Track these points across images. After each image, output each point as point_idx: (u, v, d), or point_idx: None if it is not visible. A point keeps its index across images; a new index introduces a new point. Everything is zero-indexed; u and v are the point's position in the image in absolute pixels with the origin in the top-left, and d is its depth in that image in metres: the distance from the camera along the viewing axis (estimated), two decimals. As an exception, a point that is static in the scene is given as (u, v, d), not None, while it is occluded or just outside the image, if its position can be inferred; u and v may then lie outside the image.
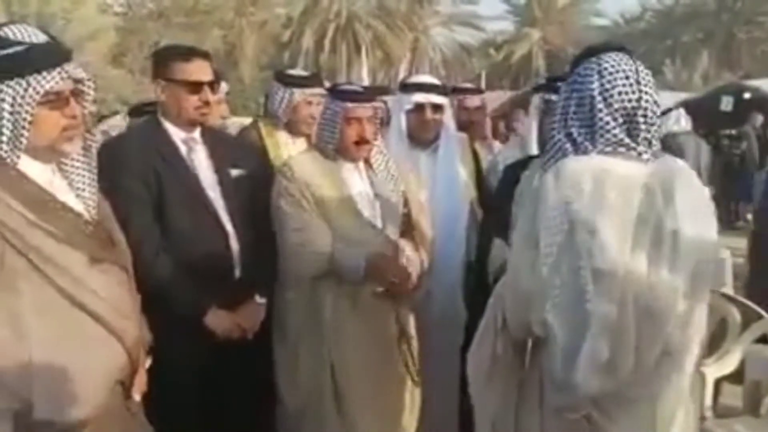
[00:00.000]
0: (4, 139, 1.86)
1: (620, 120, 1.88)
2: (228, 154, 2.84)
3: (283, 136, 3.54)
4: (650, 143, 1.91)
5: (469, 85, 4.48)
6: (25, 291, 1.83)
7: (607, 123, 1.87)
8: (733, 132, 11.88)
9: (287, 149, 3.47)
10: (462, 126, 3.98)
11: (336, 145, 2.91)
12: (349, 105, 2.88)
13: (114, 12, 25.82)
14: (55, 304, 1.86)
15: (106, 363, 1.95)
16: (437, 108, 3.43)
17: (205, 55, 2.77)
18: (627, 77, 1.89)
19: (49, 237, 1.87)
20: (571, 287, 1.78)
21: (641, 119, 1.89)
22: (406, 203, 3.04)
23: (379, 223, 2.94)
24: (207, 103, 2.72)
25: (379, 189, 2.98)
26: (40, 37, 1.93)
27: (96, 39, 21.07)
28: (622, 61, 1.91)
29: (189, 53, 2.73)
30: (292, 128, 3.54)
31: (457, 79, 32.11)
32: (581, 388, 1.79)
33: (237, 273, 2.75)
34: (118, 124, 4.65)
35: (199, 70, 2.70)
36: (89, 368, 1.90)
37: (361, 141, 2.90)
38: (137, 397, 2.11)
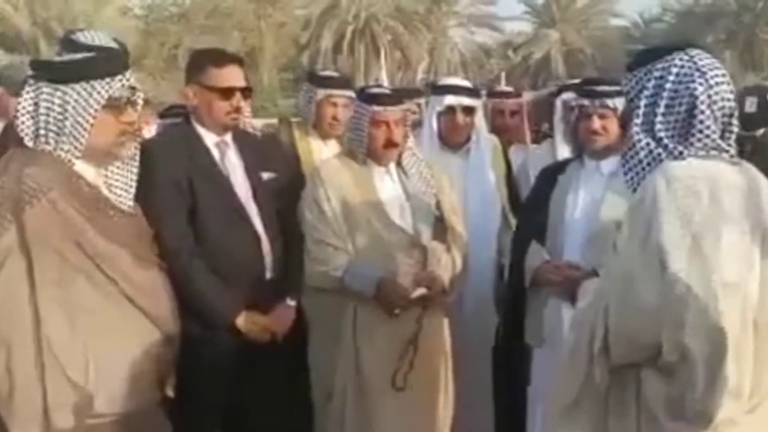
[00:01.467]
0: (64, 139, 1.96)
1: (719, 122, 1.77)
2: (259, 156, 2.84)
3: (314, 138, 3.54)
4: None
5: (506, 89, 4.38)
6: (82, 285, 1.92)
7: (708, 126, 1.75)
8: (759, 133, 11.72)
9: (319, 152, 3.46)
10: (499, 129, 3.95)
11: (365, 149, 2.91)
12: (377, 108, 2.88)
13: (135, 14, 26.06)
14: (109, 300, 1.95)
15: (153, 357, 2.03)
16: (469, 110, 3.41)
17: (238, 61, 2.76)
18: (724, 76, 1.78)
19: (100, 235, 1.96)
20: (703, 304, 1.62)
21: (734, 121, 1.79)
22: (438, 205, 3.02)
23: (410, 227, 2.93)
24: (238, 109, 2.71)
25: (411, 192, 2.97)
26: (109, 43, 2.00)
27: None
28: (714, 60, 1.80)
29: (222, 59, 2.72)
30: (319, 130, 3.53)
31: (475, 80, 32.11)
32: (715, 415, 1.63)
33: (268, 275, 2.74)
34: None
35: (231, 76, 2.69)
36: (140, 362, 1.99)
37: (389, 144, 2.90)
38: (170, 393, 2.16)
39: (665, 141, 1.76)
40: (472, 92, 3.50)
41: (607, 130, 2.85)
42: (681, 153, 1.74)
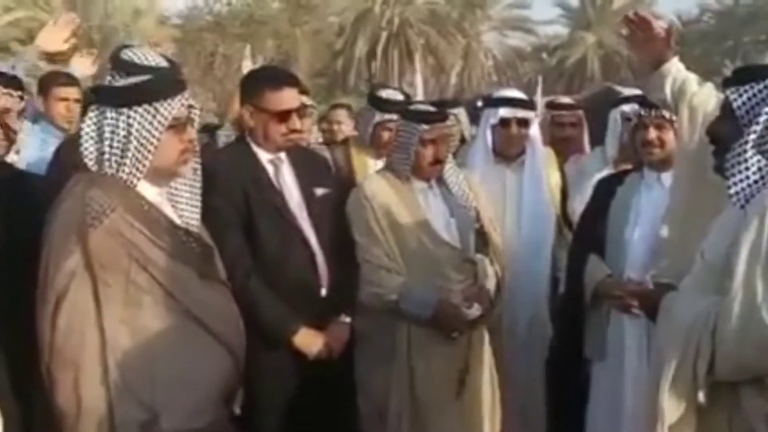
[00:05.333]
0: (127, 162, 1.97)
1: None
2: (313, 173, 2.84)
3: (370, 156, 3.54)
4: None
5: (566, 101, 4.33)
6: (147, 305, 1.93)
7: None
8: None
9: (375, 169, 3.45)
10: (557, 142, 3.91)
11: (410, 166, 2.90)
12: (425, 127, 2.86)
13: (172, 24, 26.42)
14: (173, 318, 1.95)
15: (219, 374, 2.03)
16: (523, 122, 3.37)
17: (294, 82, 2.76)
18: None
19: (164, 253, 1.96)
20: None
21: None
22: (478, 217, 3.01)
23: (457, 242, 2.91)
24: (294, 131, 2.71)
25: (454, 206, 2.96)
26: (161, 62, 2.00)
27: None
28: None
29: (278, 82, 2.70)
30: (375, 149, 3.53)
31: (509, 84, 31.94)
32: None
33: (323, 292, 2.73)
34: None
35: (287, 99, 2.68)
36: (206, 379, 1.99)
37: (437, 161, 2.89)
38: (237, 410, 2.15)
39: None
40: (527, 104, 3.47)
41: (664, 141, 2.80)
42: None
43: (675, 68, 2.37)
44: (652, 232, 2.70)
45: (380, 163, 3.45)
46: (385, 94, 3.61)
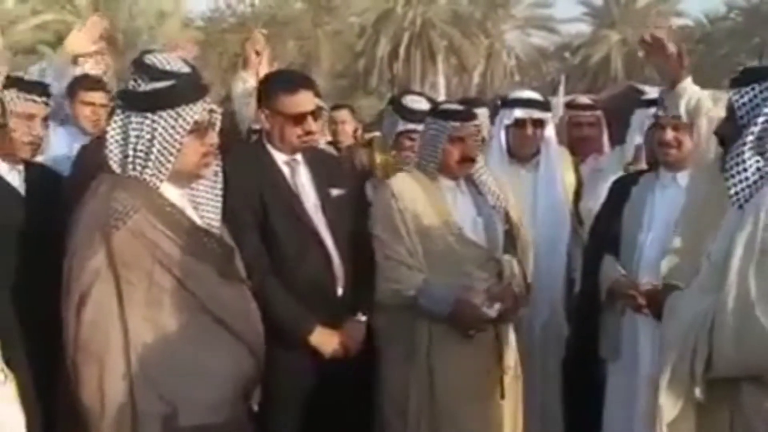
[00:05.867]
0: (150, 164, 2.03)
1: None
2: (328, 173, 2.88)
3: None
4: None
5: (584, 101, 4.30)
6: (168, 304, 1.98)
7: None
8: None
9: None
10: (575, 141, 3.92)
11: (438, 164, 2.91)
12: (452, 124, 2.88)
13: (195, 26, 26.64)
14: (194, 316, 2.01)
15: (238, 371, 2.08)
16: (539, 123, 3.38)
17: (308, 85, 2.80)
18: None
19: (185, 254, 2.01)
20: None
21: None
22: (507, 217, 3.01)
23: (483, 241, 2.92)
24: (309, 133, 2.76)
25: (482, 206, 2.96)
26: (183, 67, 2.05)
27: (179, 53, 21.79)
28: None
29: (294, 85, 2.75)
30: (397, 153, 3.51)
31: (532, 84, 31.75)
32: None
33: (339, 291, 2.77)
34: None
35: (303, 103, 2.73)
36: (224, 376, 2.04)
37: (465, 159, 2.90)
38: (255, 407, 2.20)
39: None
40: (542, 105, 3.47)
41: (681, 142, 2.81)
42: None
43: (690, 88, 2.44)
44: (665, 234, 2.70)
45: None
46: (410, 102, 3.53)
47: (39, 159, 2.91)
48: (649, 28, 2.79)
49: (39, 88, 2.72)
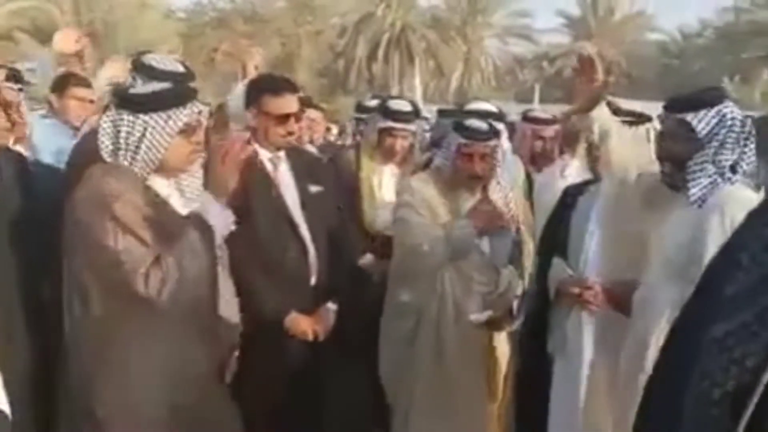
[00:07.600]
0: (139, 158, 2.18)
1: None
2: (309, 171, 3.12)
3: (377, 162, 3.78)
4: None
5: (544, 115, 4.40)
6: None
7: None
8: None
9: (379, 174, 3.74)
10: (535, 154, 4.13)
11: (449, 174, 3.16)
12: (464, 141, 3.09)
13: (177, 18, 26.56)
14: (180, 295, 2.12)
15: (212, 344, 2.26)
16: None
17: (293, 89, 3.05)
18: None
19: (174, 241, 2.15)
20: None
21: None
22: (518, 231, 3.24)
23: (487, 248, 3.16)
24: (291, 133, 3.01)
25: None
26: (178, 68, 2.23)
27: (161, 44, 21.75)
28: None
29: (279, 88, 2.99)
30: (380, 154, 3.76)
31: (509, 90, 32.00)
32: None
33: (313, 281, 3.01)
34: None
35: (287, 105, 2.97)
36: (198, 348, 2.21)
37: (472, 176, 3.12)
38: (228, 379, 2.43)
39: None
40: (497, 116, 3.62)
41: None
42: (730, 179, 2.15)
43: (604, 115, 2.71)
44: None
45: (387, 169, 3.76)
46: (395, 105, 3.76)
47: (19, 149, 2.98)
48: (624, 44, 3.04)
49: (11, 75, 2.84)
